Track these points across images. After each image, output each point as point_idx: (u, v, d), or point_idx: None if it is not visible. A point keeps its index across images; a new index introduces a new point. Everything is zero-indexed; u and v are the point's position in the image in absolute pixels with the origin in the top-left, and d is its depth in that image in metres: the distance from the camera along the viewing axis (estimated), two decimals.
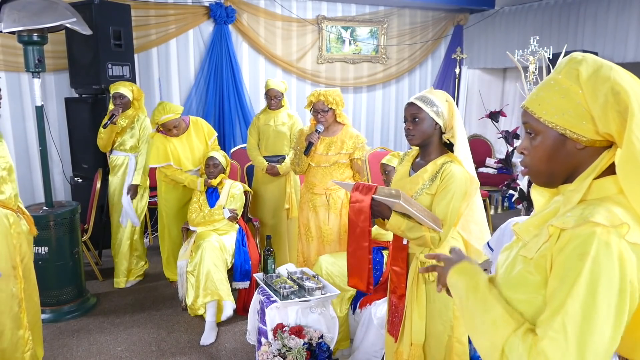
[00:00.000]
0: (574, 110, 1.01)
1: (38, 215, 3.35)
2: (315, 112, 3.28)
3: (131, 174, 4.07)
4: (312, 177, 3.37)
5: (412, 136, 2.03)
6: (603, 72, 0.99)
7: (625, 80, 0.97)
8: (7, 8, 3.02)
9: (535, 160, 1.09)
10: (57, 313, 3.55)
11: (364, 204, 1.98)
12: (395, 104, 6.67)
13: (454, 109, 2.02)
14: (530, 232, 1.08)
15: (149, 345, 3.24)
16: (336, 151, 3.28)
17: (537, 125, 1.06)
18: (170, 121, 3.77)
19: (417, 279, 2.04)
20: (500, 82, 6.97)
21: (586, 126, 1.01)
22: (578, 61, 1.03)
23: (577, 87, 1.01)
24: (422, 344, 2.05)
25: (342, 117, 3.35)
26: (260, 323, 2.74)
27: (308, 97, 3.34)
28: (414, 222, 1.95)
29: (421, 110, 1.99)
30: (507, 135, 4.75)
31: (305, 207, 3.42)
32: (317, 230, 3.36)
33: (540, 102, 1.06)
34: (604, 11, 5.13)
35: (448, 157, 2.03)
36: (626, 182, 0.97)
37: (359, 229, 2.02)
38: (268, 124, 4.12)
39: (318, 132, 3.26)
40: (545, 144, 1.06)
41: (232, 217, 3.65)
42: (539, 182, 1.13)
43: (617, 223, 0.93)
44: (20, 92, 4.68)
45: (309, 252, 3.42)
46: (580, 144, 1.03)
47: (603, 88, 0.98)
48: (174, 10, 5.21)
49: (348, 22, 6.16)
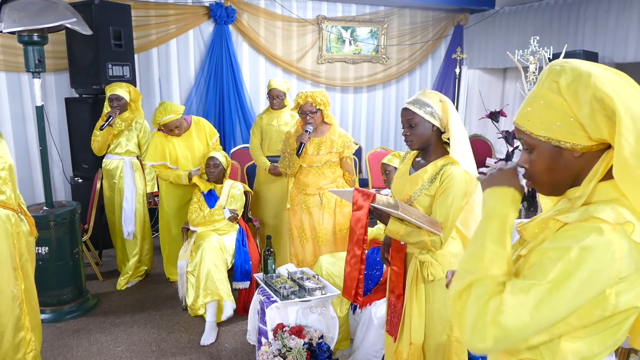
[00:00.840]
0: (562, 122, 1.01)
1: (38, 215, 3.35)
2: (304, 114, 3.29)
3: (129, 177, 4.02)
4: (304, 177, 3.37)
5: (410, 141, 2.04)
6: (583, 80, 0.98)
7: (606, 85, 0.96)
8: (7, 8, 3.02)
9: (536, 173, 1.09)
10: (57, 313, 3.55)
11: (362, 213, 1.98)
12: (395, 104, 6.68)
13: (448, 108, 2.02)
14: (533, 233, 1.08)
15: (149, 345, 3.24)
16: (327, 150, 3.30)
17: (531, 140, 1.06)
18: (172, 122, 3.77)
19: (416, 278, 2.04)
20: (501, 82, 6.97)
21: (578, 134, 1.01)
22: (557, 72, 1.02)
23: (561, 98, 1.01)
24: (422, 344, 2.05)
25: (329, 117, 3.38)
26: (260, 323, 2.74)
27: (295, 100, 3.35)
28: (412, 226, 1.95)
29: (415, 115, 2.00)
30: (507, 135, 4.75)
31: (298, 208, 3.41)
32: (312, 231, 3.36)
33: (529, 117, 1.06)
34: (604, 11, 5.13)
35: (448, 159, 2.03)
36: (622, 183, 0.97)
37: (355, 237, 2.03)
38: (271, 124, 4.13)
39: (308, 132, 3.27)
40: (542, 157, 1.06)
41: (232, 217, 3.65)
42: (545, 193, 1.13)
43: (622, 221, 0.93)
44: (20, 92, 4.68)
45: (304, 254, 3.42)
46: (577, 152, 1.02)
47: (585, 96, 0.97)
48: (174, 11, 5.22)
49: (348, 22, 6.16)
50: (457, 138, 1.99)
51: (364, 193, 2.00)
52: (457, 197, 1.97)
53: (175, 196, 4.00)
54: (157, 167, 3.91)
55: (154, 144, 3.88)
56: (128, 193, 4.03)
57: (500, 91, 6.96)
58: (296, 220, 3.43)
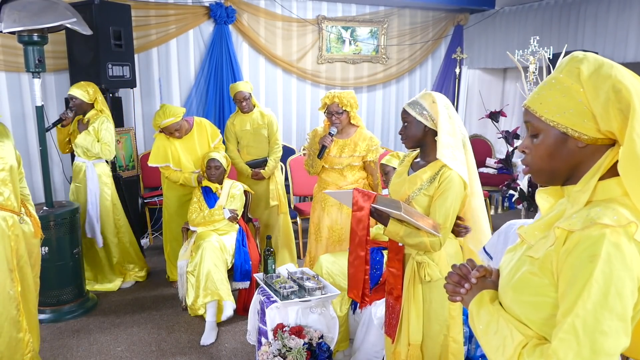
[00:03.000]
0: (575, 109, 1.01)
1: (38, 215, 3.34)
2: (330, 114, 3.27)
3: (93, 182, 3.87)
4: (326, 176, 3.39)
5: (404, 139, 2.09)
6: (604, 70, 0.99)
7: (626, 78, 0.97)
8: (7, 8, 3.02)
9: (536, 159, 1.09)
10: (57, 313, 3.55)
11: (363, 213, 1.98)
12: (395, 104, 6.68)
13: (438, 109, 1.99)
14: (535, 236, 1.08)
15: (149, 345, 3.24)
16: (349, 154, 3.29)
17: (539, 124, 1.07)
18: (171, 125, 3.76)
19: (413, 279, 2.05)
20: (501, 82, 6.97)
21: (587, 124, 1.01)
22: (579, 60, 1.03)
23: (579, 85, 1.01)
24: (420, 344, 2.06)
25: (357, 119, 3.35)
26: (260, 323, 2.74)
27: (322, 99, 3.33)
28: (412, 228, 1.95)
29: (408, 115, 2.04)
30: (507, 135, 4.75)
31: (317, 206, 3.43)
32: (329, 230, 3.36)
33: (541, 100, 1.06)
34: (604, 11, 5.13)
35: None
36: (628, 180, 0.96)
37: (357, 238, 2.02)
38: (245, 128, 4.09)
39: (331, 135, 3.26)
40: (546, 142, 1.06)
41: (232, 217, 3.65)
42: (540, 181, 1.13)
43: (624, 222, 0.93)
44: (20, 92, 4.68)
45: (316, 252, 3.42)
46: (581, 142, 1.02)
47: (604, 86, 0.97)
48: (174, 11, 5.21)
49: (348, 22, 6.16)
50: (444, 139, 1.97)
51: (364, 194, 2.00)
52: (456, 199, 1.98)
53: (174, 194, 4.01)
54: (163, 169, 3.91)
55: (156, 146, 3.89)
56: (92, 197, 3.90)
57: (500, 91, 6.97)
58: (314, 218, 3.44)
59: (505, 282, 1.11)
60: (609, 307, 0.91)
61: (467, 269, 1.22)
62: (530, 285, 1.04)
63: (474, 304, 1.16)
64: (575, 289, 0.93)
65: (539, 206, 1.19)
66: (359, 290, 2.07)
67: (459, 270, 1.23)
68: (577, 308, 0.92)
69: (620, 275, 0.91)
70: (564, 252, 0.98)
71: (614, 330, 0.91)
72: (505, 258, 1.17)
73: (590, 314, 0.91)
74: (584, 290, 0.92)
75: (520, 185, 4.60)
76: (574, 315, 0.92)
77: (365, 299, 2.08)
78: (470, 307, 1.17)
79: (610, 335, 0.91)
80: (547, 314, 1.01)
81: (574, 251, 0.96)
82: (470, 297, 1.18)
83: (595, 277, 0.91)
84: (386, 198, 1.99)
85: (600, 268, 0.91)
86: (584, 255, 0.94)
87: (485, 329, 1.10)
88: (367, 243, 2.01)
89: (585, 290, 0.92)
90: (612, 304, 0.91)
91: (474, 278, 1.19)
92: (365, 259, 2.03)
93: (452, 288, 1.22)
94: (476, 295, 1.16)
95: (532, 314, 1.04)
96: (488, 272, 1.21)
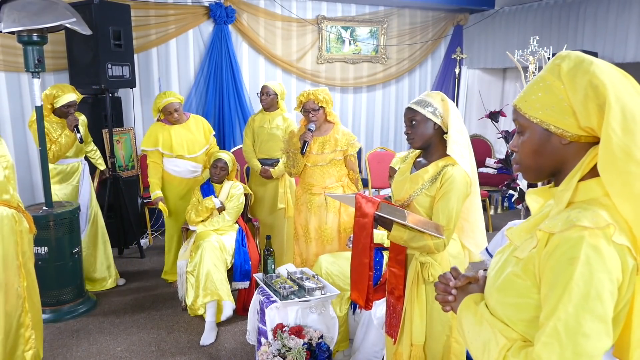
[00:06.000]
0: (557, 106, 1.02)
1: (38, 215, 3.35)
2: (306, 112, 3.30)
3: (86, 179, 3.95)
4: (309, 177, 3.37)
5: (412, 139, 2.05)
6: (583, 66, 1.00)
7: (605, 74, 0.98)
8: (7, 8, 3.01)
9: (523, 156, 1.11)
10: (57, 313, 3.55)
11: (367, 220, 1.97)
12: (395, 104, 6.67)
13: (449, 107, 2.02)
14: (521, 237, 1.09)
15: (149, 345, 3.24)
16: (331, 149, 3.30)
17: (524, 122, 1.09)
18: (171, 104, 3.82)
19: (416, 279, 2.04)
20: (500, 82, 6.97)
21: (569, 121, 1.02)
22: (561, 57, 1.04)
23: (559, 82, 1.02)
24: (423, 345, 2.05)
25: (332, 115, 3.38)
26: (260, 323, 2.74)
27: (297, 98, 3.36)
28: (415, 231, 1.95)
29: (417, 113, 2.02)
30: (507, 135, 4.75)
31: (302, 208, 3.41)
32: (317, 231, 3.36)
33: (526, 99, 1.08)
34: (604, 11, 5.13)
35: (449, 160, 2.02)
36: (606, 176, 0.96)
37: (360, 244, 2.02)
38: (263, 126, 4.12)
39: (311, 131, 3.28)
40: (531, 139, 1.08)
41: (221, 208, 3.69)
42: (528, 178, 1.15)
43: (602, 225, 0.93)
44: (20, 92, 4.68)
45: (307, 254, 3.42)
46: (565, 139, 1.04)
47: (582, 82, 0.99)
48: (174, 11, 5.22)
49: (348, 22, 6.16)
50: (454, 136, 1.99)
51: (367, 200, 1.99)
52: (458, 200, 1.98)
53: (173, 193, 4.02)
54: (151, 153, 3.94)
55: (149, 132, 3.96)
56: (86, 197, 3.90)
57: (500, 91, 6.97)
58: (301, 219, 3.43)
59: (491, 283, 1.12)
60: (589, 309, 0.91)
61: (447, 279, 1.24)
62: (514, 287, 1.05)
63: (460, 311, 1.18)
64: (557, 292, 0.94)
65: (529, 207, 1.20)
66: (363, 295, 2.06)
67: (443, 279, 1.24)
68: (558, 311, 0.93)
69: (599, 277, 0.92)
70: (545, 255, 0.98)
71: (596, 332, 0.91)
72: (494, 260, 1.18)
73: (572, 317, 0.92)
74: (564, 293, 0.93)
75: (520, 185, 4.60)
76: (555, 318, 0.93)
77: (370, 303, 2.08)
78: (457, 314, 1.19)
79: (592, 337, 0.91)
80: (531, 316, 1.02)
81: (554, 253, 0.96)
82: (458, 304, 1.20)
83: (576, 279, 0.92)
84: (390, 206, 1.98)
85: (579, 271, 0.92)
86: (564, 258, 0.94)
87: (471, 333, 1.12)
88: (371, 250, 1.99)
89: (566, 293, 0.92)
90: (593, 306, 0.91)
91: (453, 289, 1.21)
92: (369, 266, 2.01)
93: (442, 298, 1.23)
94: (462, 302, 1.18)
95: (515, 315, 1.04)
96: (473, 278, 1.22)
